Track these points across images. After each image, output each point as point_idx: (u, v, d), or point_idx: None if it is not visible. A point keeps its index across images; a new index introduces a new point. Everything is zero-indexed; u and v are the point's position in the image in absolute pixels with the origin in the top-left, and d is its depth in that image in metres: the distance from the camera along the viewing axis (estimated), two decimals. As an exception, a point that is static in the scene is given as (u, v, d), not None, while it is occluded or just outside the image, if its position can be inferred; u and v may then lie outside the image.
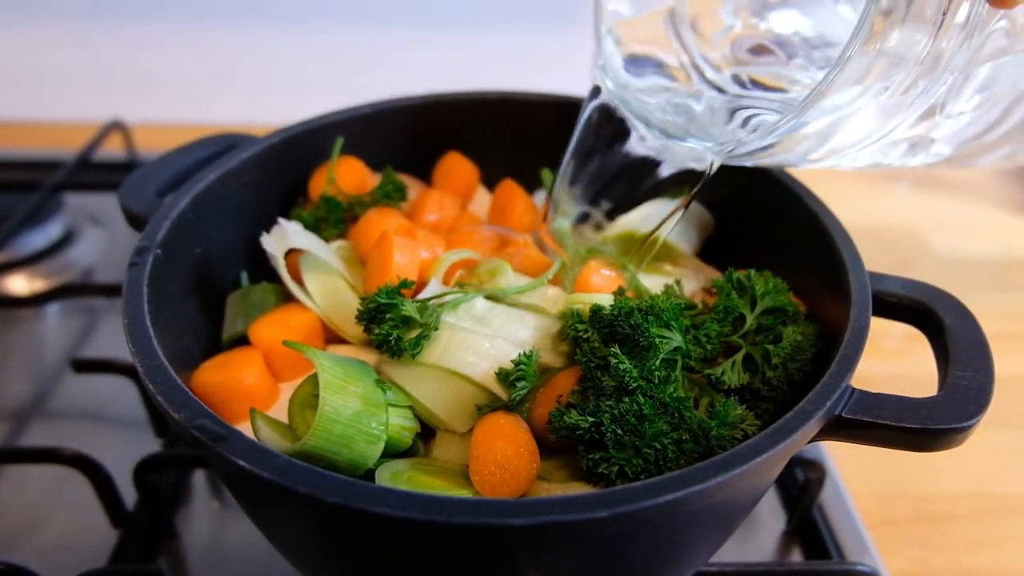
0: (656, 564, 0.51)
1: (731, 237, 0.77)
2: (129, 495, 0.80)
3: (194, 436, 0.44)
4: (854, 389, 0.50)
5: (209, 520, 0.82)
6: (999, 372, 1.09)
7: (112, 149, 1.40)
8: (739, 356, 0.57)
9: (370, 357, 0.59)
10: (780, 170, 0.71)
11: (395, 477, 0.51)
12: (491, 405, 0.54)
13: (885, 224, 1.36)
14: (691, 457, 0.49)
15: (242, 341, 0.67)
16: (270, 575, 0.75)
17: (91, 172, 1.34)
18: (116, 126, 1.39)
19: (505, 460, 0.51)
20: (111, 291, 1.03)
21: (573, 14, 1.48)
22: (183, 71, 1.53)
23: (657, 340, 0.52)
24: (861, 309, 0.54)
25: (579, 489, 0.50)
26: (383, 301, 0.55)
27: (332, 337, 0.66)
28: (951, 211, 1.41)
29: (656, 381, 0.51)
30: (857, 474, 0.90)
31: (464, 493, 0.51)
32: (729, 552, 0.79)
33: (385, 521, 0.40)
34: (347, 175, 0.78)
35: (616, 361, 0.51)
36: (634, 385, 0.50)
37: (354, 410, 0.50)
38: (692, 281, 0.67)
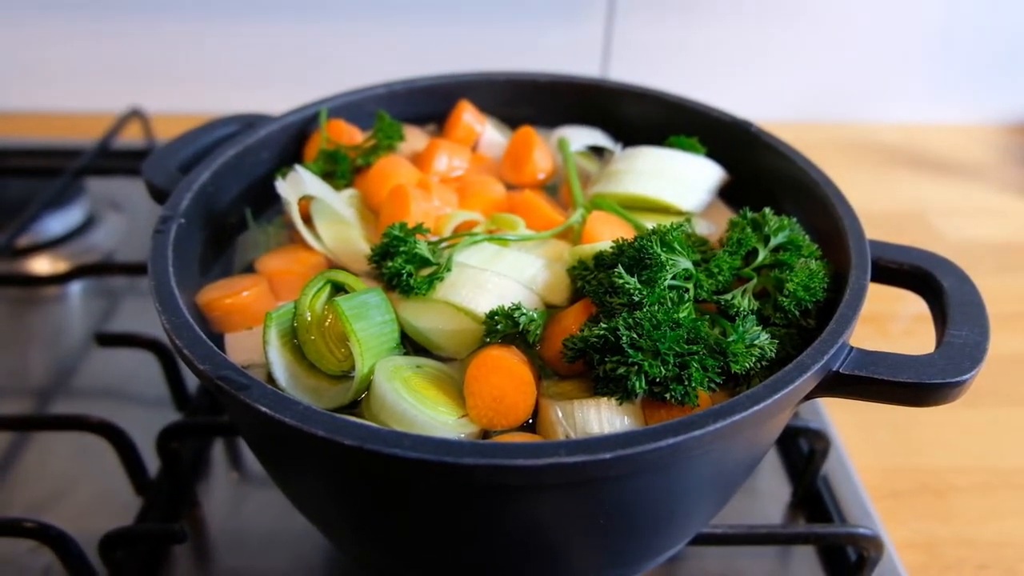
0: (659, 516, 0.52)
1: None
2: (152, 466, 0.83)
3: (218, 386, 0.46)
4: (852, 347, 0.52)
5: (228, 490, 0.85)
6: (1007, 352, 1.11)
7: (131, 137, 1.43)
8: (751, 285, 0.58)
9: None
10: (787, 147, 0.73)
11: (394, 374, 0.52)
12: (500, 333, 0.55)
13: (893, 208, 1.37)
14: (714, 374, 0.50)
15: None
16: (285, 542, 0.78)
17: (111, 159, 1.37)
18: (135, 114, 1.42)
19: (501, 394, 0.52)
20: (132, 270, 1.05)
21: (580, 8, 1.50)
22: (200, 62, 1.56)
23: (664, 258, 0.53)
24: (860, 271, 0.56)
25: (594, 402, 0.51)
26: (396, 234, 0.57)
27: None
28: (957, 195, 1.43)
29: (668, 304, 0.52)
30: (862, 447, 0.92)
31: (455, 410, 0.53)
32: (734, 520, 0.80)
33: (398, 462, 0.42)
34: (337, 137, 0.79)
35: (622, 281, 0.52)
36: (639, 297, 0.52)
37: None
38: (704, 228, 0.69)
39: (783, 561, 0.78)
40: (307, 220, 0.70)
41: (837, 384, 0.51)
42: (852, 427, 0.94)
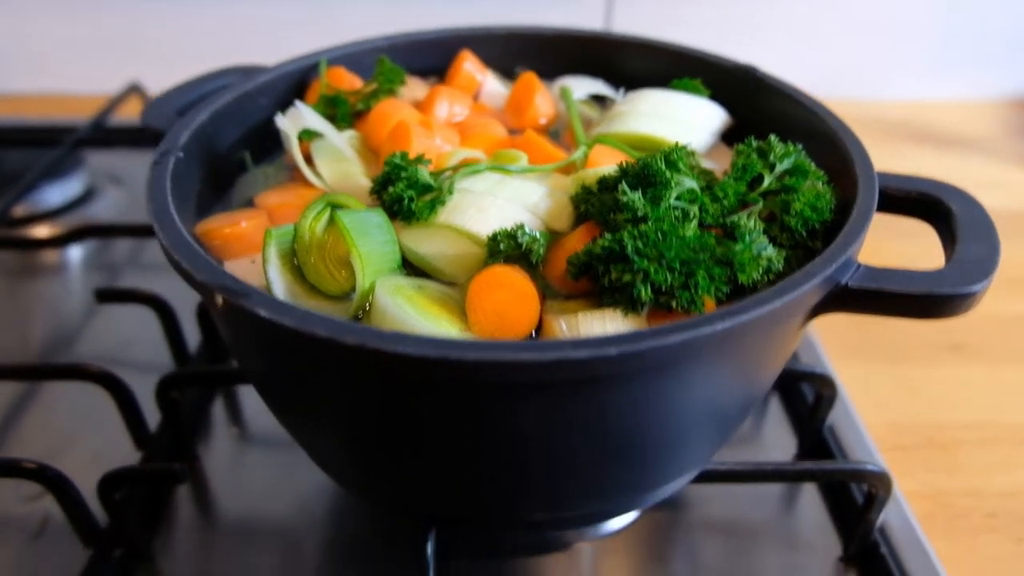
0: (660, 435, 0.51)
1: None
2: (152, 422, 0.82)
3: (217, 296, 0.46)
4: (861, 264, 0.51)
5: (228, 444, 0.84)
6: (1010, 313, 1.11)
7: (131, 116, 1.42)
8: (757, 208, 0.57)
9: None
10: (793, 88, 0.73)
11: (397, 291, 0.51)
12: (503, 254, 0.54)
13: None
14: (721, 283, 0.49)
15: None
16: (287, 494, 0.77)
17: (111, 135, 1.37)
18: (135, 90, 1.41)
19: (503, 309, 0.51)
20: (134, 231, 1.05)
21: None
22: (199, 42, 1.55)
23: (669, 175, 0.52)
24: (867, 191, 0.55)
25: (599, 314, 0.50)
26: (398, 162, 0.57)
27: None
28: (962, 168, 1.43)
29: (673, 220, 0.51)
30: (867, 404, 0.91)
31: (459, 325, 0.52)
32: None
33: (400, 360, 0.41)
34: (337, 84, 0.79)
35: (626, 198, 0.52)
36: (643, 212, 0.51)
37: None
38: (707, 166, 0.68)
39: (788, 507, 0.77)
40: (308, 161, 0.69)
41: (846, 298, 0.50)
42: (857, 384, 0.94)
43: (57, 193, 1.21)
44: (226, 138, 0.71)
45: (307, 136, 0.70)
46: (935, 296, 0.49)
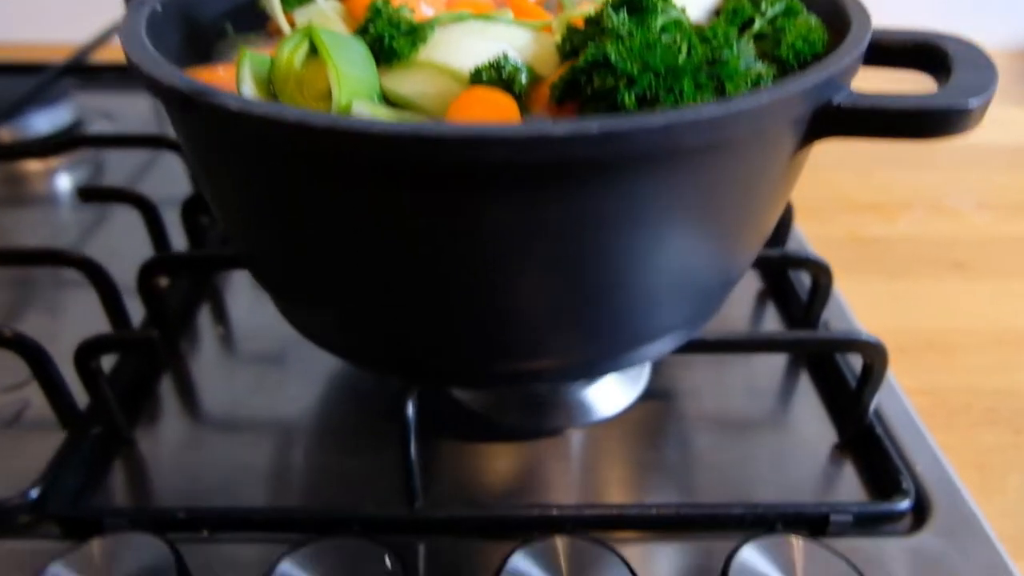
0: (643, 261, 0.49)
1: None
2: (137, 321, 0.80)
3: (190, 97, 0.44)
4: (853, 91, 0.50)
5: (214, 345, 0.83)
6: (1012, 234, 1.10)
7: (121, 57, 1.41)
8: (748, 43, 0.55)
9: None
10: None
11: (375, 111, 0.49)
12: (484, 84, 0.52)
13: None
14: (707, 92, 0.47)
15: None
16: (271, 393, 0.76)
17: (100, 73, 1.36)
18: (126, 27, 1.40)
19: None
20: (126, 142, 1.04)
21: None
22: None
23: (656, 0, 0.51)
24: (861, 21, 0.54)
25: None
26: (379, 7, 0.55)
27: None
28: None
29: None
30: (865, 312, 0.89)
31: None
32: (734, 373, 0.78)
33: (373, 140, 0.39)
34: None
35: (611, 22, 0.50)
36: (628, 31, 0.49)
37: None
38: None
39: (783, 400, 0.75)
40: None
41: (838, 118, 0.48)
42: (856, 296, 0.92)
43: (45, 120, 1.19)
44: (208, 11, 0.70)
45: (290, 7, 0.68)
46: (930, 111, 0.48)
